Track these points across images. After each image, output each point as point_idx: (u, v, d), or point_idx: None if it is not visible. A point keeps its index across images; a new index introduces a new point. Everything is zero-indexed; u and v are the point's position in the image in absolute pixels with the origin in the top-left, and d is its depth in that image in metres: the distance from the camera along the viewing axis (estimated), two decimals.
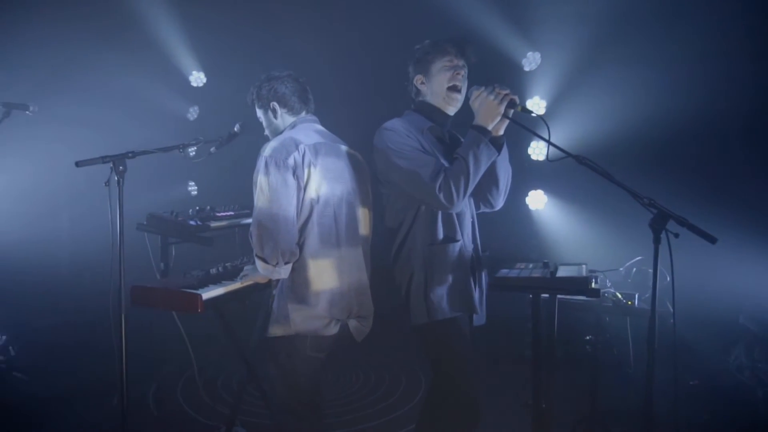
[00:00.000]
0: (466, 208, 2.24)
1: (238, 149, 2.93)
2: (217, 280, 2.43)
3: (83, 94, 4.85)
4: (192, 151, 4.67)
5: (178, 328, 2.78)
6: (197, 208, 2.93)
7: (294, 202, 2.12)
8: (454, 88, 2.21)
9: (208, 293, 2.25)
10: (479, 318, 2.26)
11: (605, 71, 3.82)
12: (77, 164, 2.03)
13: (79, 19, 4.58)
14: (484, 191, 2.29)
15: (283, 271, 2.17)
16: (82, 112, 4.83)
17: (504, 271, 2.23)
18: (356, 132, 2.65)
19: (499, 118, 2.05)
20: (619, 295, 2.54)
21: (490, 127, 2.04)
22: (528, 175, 4.28)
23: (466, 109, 2.22)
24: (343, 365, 4.24)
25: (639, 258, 2.81)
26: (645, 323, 1.84)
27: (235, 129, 2.69)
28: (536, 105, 4.30)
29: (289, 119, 2.38)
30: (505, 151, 2.23)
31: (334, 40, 4.61)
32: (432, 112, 2.25)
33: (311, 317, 2.16)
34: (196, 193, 5.72)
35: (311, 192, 2.17)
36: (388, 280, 2.28)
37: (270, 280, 2.28)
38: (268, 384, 2.34)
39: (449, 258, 2.13)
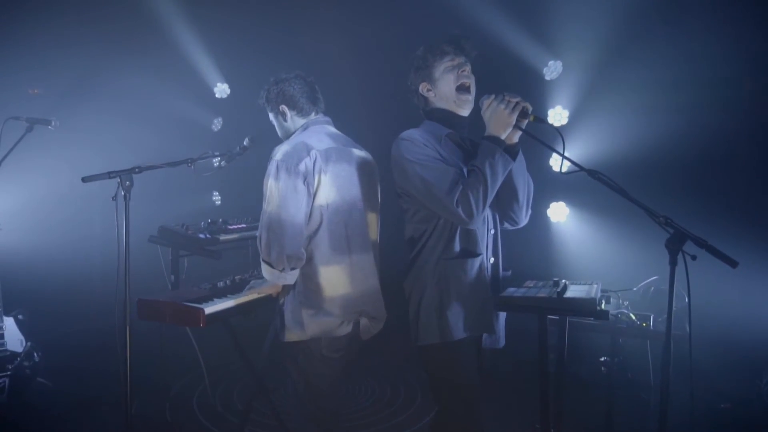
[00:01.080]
0: (486, 221, 2.15)
1: (263, 159, 2.96)
2: (223, 294, 2.44)
3: (114, 105, 5.01)
4: (216, 161, 4.75)
5: (199, 336, 2.83)
6: (209, 220, 2.97)
7: (303, 208, 2.13)
8: (462, 87, 2.13)
9: (212, 307, 2.25)
10: (496, 341, 2.16)
11: (629, 79, 3.69)
12: (83, 180, 2.08)
13: (108, 33, 4.72)
14: (504, 207, 2.20)
15: (290, 277, 2.18)
16: (112, 122, 5.00)
17: (510, 290, 2.15)
18: (379, 135, 2.62)
19: (510, 128, 1.97)
20: (633, 317, 2.43)
21: (503, 137, 1.97)
22: (550, 186, 4.16)
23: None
24: (359, 377, 4.22)
25: (655, 277, 2.68)
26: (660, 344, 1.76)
27: (245, 143, 2.71)
28: (558, 115, 4.20)
29: (300, 121, 2.38)
30: (521, 159, 2.14)
31: (358, 48, 4.62)
32: (447, 117, 2.17)
33: (325, 321, 2.17)
34: (220, 202, 5.81)
35: (321, 199, 2.17)
36: (399, 293, 2.22)
37: (278, 292, 2.29)
38: (291, 389, 2.34)
39: (467, 273, 2.04)
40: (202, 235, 2.69)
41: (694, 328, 1.89)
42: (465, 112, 2.18)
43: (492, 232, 2.18)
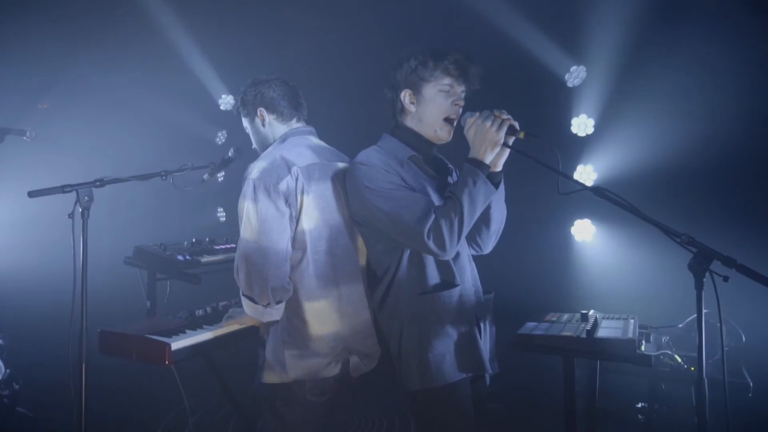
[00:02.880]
0: (461, 245, 1.89)
1: None
2: (198, 324, 2.14)
3: (111, 117, 4.84)
4: (220, 176, 4.45)
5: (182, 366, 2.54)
6: (194, 240, 2.70)
7: (287, 233, 1.86)
8: (449, 120, 1.87)
9: (181, 342, 1.95)
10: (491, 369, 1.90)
11: (659, 83, 3.35)
12: (30, 194, 1.81)
13: (112, 45, 4.58)
14: (472, 232, 1.95)
15: (275, 312, 1.89)
16: (110, 135, 4.81)
17: (530, 325, 1.84)
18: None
19: (498, 148, 1.73)
20: (678, 359, 2.05)
21: (488, 161, 1.73)
22: (573, 201, 3.80)
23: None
24: (365, 408, 3.87)
25: (705, 311, 2.28)
26: (715, 394, 1.50)
27: (230, 154, 2.46)
28: (583, 124, 3.85)
29: (279, 128, 2.12)
30: (501, 189, 1.90)
31: (368, 58, 4.37)
32: (416, 141, 1.92)
33: (310, 362, 1.88)
34: (224, 219, 5.57)
35: (303, 224, 1.89)
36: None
37: (260, 323, 2.00)
38: None
39: (447, 308, 1.79)
40: (180, 257, 2.41)
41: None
42: (439, 143, 1.93)
43: (467, 256, 1.94)
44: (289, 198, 1.86)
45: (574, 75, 3.88)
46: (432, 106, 1.87)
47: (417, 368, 1.76)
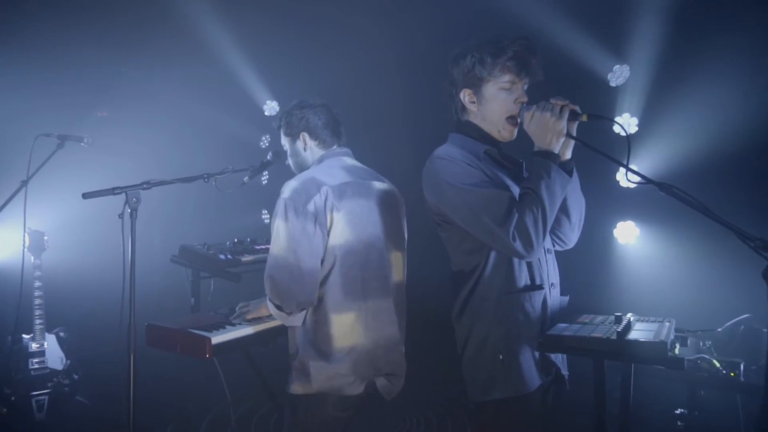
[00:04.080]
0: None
1: None
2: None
3: (164, 124, 5.08)
4: (264, 178, 4.57)
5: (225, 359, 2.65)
6: (236, 240, 2.82)
7: (315, 251, 1.91)
8: (513, 118, 1.79)
9: (221, 336, 2.06)
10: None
11: (706, 80, 3.22)
12: (84, 196, 1.95)
13: (164, 53, 4.80)
14: (552, 227, 1.86)
15: (298, 318, 1.98)
16: (163, 140, 5.05)
17: (560, 326, 1.80)
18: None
19: (563, 137, 1.66)
20: (717, 364, 1.97)
21: (556, 150, 1.66)
22: (617, 202, 3.72)
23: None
24: (396, 410, 3.90)
25: (746, 315, 2.19)
26: (754, 401, 1.39)
27: (268, 157, 2.53)
28: (626, 123, 3.75)
29: (318, 152, 2.20)
30: (575, 177, 1.82)
31: (410, 62, 4.42)
32: (483, 135, 1.85)
33: (334, 375, 1.93)
34: (268, 220, 5.73)
35: (333, 239, 1.95)
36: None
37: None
38: None
39: (535, 308, 1.73)
40: (222, 256, 2.52)
41: None
42: (503, 141, 1.86)
43: (550, 253, 1.87)
44: (318, 217, 1.90)
45: (617, 74, 3.79)
46: (493, 106, 1.79)
47: (508, 374, 1.68)
